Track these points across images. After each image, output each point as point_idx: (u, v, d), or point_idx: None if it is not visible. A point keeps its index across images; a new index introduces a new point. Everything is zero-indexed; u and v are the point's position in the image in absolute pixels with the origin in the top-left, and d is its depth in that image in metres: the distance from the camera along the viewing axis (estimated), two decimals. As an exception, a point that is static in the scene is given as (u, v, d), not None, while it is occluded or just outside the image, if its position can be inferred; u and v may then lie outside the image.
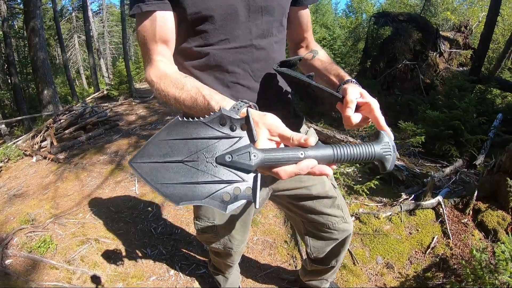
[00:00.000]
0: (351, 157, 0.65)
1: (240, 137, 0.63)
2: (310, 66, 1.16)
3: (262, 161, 0.61)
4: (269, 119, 0.69)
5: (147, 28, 0.93)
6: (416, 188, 2.71)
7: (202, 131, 0.62)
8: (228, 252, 1.41)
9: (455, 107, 3.66)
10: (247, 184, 0.61)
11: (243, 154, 0.61)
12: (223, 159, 0.61)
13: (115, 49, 24.31)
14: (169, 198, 0.61)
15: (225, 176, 0.61)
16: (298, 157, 0.62)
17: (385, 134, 0.71)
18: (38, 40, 7.99)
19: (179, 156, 0.61)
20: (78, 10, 20.93)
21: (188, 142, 0.62)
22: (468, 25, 7.06)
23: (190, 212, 2.81)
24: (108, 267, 2.27)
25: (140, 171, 0.61)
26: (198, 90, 0.82)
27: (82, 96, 13.69)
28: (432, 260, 2.14)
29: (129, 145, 4.64)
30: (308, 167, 0.62)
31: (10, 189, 3.61)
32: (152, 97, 8.86)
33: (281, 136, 0.68)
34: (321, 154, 0.64)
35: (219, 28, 0.95)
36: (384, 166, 0.68)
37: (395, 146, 0.69)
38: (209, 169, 0.61)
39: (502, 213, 2.23)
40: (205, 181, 0.61)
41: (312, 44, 1.24)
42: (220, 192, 0.61)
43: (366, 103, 0.86)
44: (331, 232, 1.37)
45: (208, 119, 0.62)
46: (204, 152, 0.62)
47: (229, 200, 0.61)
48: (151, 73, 0.93)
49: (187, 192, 0.60)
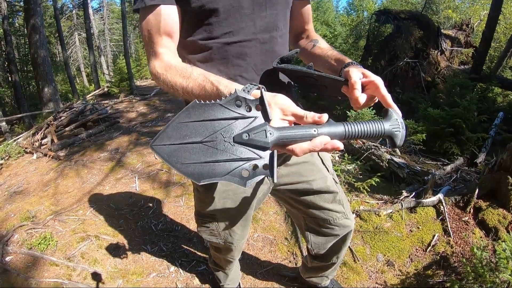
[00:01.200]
0: (361, 133, 0.67)
1: (255, 117, 0.65)
2: (311, 55, 1.16)
3: (277, 139, 0.64)
4: (281, 99, 0.71)
5: (151, 22, 0.93)
6: (417, 186, 2.70)
7: (219, 112, 0.65)
8: (229, 247, 1.41)
9: (456, 105, 3.65)
10: (264, 161, 0.64)
11: (260, 132, 0.64)
12: (241, 138, 0.64)
13: (116, 46, 24.24)
14: (191, 177, 0.63)
15: (243, 154, 0.64)
16: (311, 134, 0.65)
17: (394, 111, 0.72)
18: (39, 38, 7.98)
19: (198, 137, 0.64)
20: (79, 7, 20.88)
21: (206, 124, 0.65)
22: (470, 23, 7.05)
23: (190, 209, 2.81)
24: (108, 264, 2.27)
25: (161, 153, 0.64)
26: (205, 77, 0.82)
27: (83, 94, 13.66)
28: (432, 258, 2.13)
29: (130, 142, 4.64)
30: (321, 143, 0.64)
31: (11, 186, 3.61)
32: (153, 94, 8.86)
33: (294, 115, 0.70)
34: (333, 131, 0.66)
35: (223, 21, 0.94)
36: (394, 142, 0.70)
37: (404, 123, 0.70)
38: (227, 148, 0.64)
39: (503, 211, 2.22)
40: (224, 159, 0.64)
41: (312, 34, 1.25)
42: (238, 169, 0.63)
43: (370, 82, 0.86)
44: (332, 228, 1.36)
45: (225, 100, 0.65)
46: (221, 132, 0.64)
47: (248, 176, 0.64)
48: (156, 65, 0.93)
49: (207, 170, 0.63)
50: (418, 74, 5.81)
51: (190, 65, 0.90)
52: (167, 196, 3.05)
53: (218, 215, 1.26)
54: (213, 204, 1.23)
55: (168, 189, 3.17)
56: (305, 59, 1.21)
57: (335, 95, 1.00)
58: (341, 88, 0.92)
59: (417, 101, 4.76)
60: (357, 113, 3.48)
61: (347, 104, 4.43)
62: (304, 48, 1.20)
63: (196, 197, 1.30)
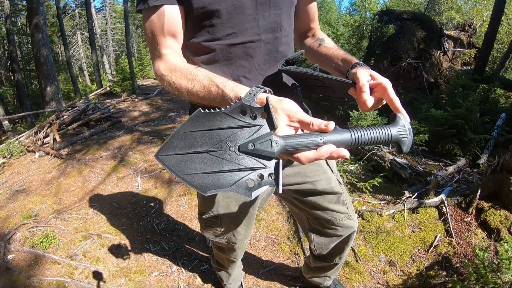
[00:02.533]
0: (368, 140, 0.67)
1: (261, 125, 0.65)
2: (317, 54, 1.14)
3: (283, 148, 0.64)
4: (287, 104, 0.70)
5: (155, 22, 0.92)
6: (419, 187, 2.70)
7: (224, 121, 0.65)
8: (232, 247, 1.41)
9: (459, 106, 3.64)
10: (269, 171, 0.64)
11: (265, 142, 0.63)
12: (246, 148, 0.64)
13: (118, 46, 24.30)
14: (197, 188, 0.63)
15: (248, 163, 0.64)
16: (317, 142, 0.64)
17: (402, 116, 0.71)
18: (41, 37, 8.00)
19: (204, 146, 0.64)
20: (81, 7, 20.93)
21: (211, 133, 0.65)
22: (472, 24, 7.03)
23: (192, 208, 2.82)
24: (110, 263, 2.28)
25: (167, 163, 0.64)
26: (210, 80, 0.82)
27: (85, 93, 13.70)
28: (434, 258, 2.13)
29: (132, 141, 4.65)
30: (327, 153, 0.64)
31: (13, 185, 3.62)
32: (155, 93, 8.87)
33: (301, 122, 0.69)
34: (340, 138, 0.65)
35: (226, 22, 0.93)
36: (401, 148, 0.69)
37: (411, 129, 0.70)
38: (233, 157, 0.64)
39: (505, 212, 2.22)
40: (230, 169, 0.64)
41: (318, 33, 1.22)
42: (244, 179, 0.64)
43: (378, 84, 0.84)
44: (335, 229, 1.36)
45: (229, 109, 0.65)
46: (227, 142, 0.64)
47: (254, 186, 0.63)
48: (161, 66, 0.92)
49: (213, 180, 0.63)
50: (421, 75, 5.79)
51: (195, 67, 0.89)
52: (170, 195, 3.05)
53: (221, 215, 1.26)
54: (216, 204, 1.23)
55: (170, 188, 3.17)
56: (310, 58, 1.19)
57: (342, 97, 0.98)
58: (348, 90, 0.90)
59: (420, 101, 4.74)
60: (360, 114, 3.48)
61: (349, 105, 4.43)
62: (309, 47, 1.17)
63: (199, 198, 1.31)
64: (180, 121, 5.60)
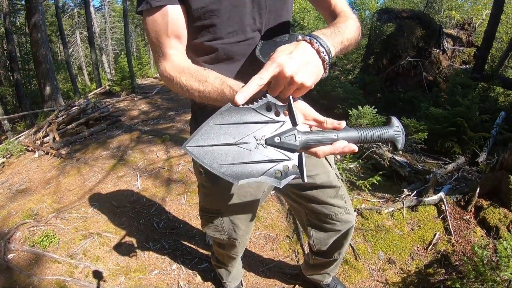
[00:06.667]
0: (371, 138, 0.76)
1: (284, 122, 0.72)
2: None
3: (305, 142, 0.71)
4: (302, 105, 0.79)
5: (159, 23, 0.91)
6: (418, 185, 2.70)
7: (251, 116, 0.70)
8: (233, 243, 1.42)
9: (458, 104, 3.65)
10: (293, 162, 0.70)
11: (290, 136, 0.70)
12: (273, 140, 0.69)
13: (117, 45, 24.25)
14: (229, 177, 0.67)
15: (274, 155, 0.70)
16: (332, 138, 0.73)
17: (395, 119, 0.80)
18: (40, 36, 7.98)
19: (232, 139, 0.68)
20: (80, 6, 20.88)
21: (240, 126, 0.69)
22: (472, 22, 7.03)
23: (192, 206, 2.82)
24: (110, 261, 2.28)
25: (196, 154, 0.67)
26: (223, 81, 0.82)
27: (84, 92, 13.70)
28: (433, 256, 2.14)
29: (131, 140, 4.65)
30: (341, 147, 0.73)
31: (13, 184, 3.62)
32: (154, 92, 8.87)
33: (315, 120, 0.78)
34: (349, 135, 0.74)
35: (226, 20, 0.94)
36: (396, 146, 0.78)
37: (404, 129, 0.79)
38: (260, 150, 0.69)
39: (504, 210, 2.23)
40: (258, 160, 0.68)
41: (338, 11, 1.03)
42: (272, 169, 0.69)
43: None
44: (333, 223, 1.37)
45: (257, 105, 0.70)
46: (254, 135, 0.70)
47: (281, 176, 0.69)
48: (167, 67, 0.92)
49: (243, 171, 0.67)
50: (420, 73, 5.81)
51: (203, 68, 0.89)
52: (169, 194, 3.06)
53: (223, 210, 1.27)
54: (219, 198, 1.23)
55: (170, 187, 3.18)
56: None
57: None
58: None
59: (419, 100, 4.74)
60: (359, 112, 3.49)
61: (348, 103, 4.44)
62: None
63: (201, 193, 1.31)
64: (179, 119, 5.60)
